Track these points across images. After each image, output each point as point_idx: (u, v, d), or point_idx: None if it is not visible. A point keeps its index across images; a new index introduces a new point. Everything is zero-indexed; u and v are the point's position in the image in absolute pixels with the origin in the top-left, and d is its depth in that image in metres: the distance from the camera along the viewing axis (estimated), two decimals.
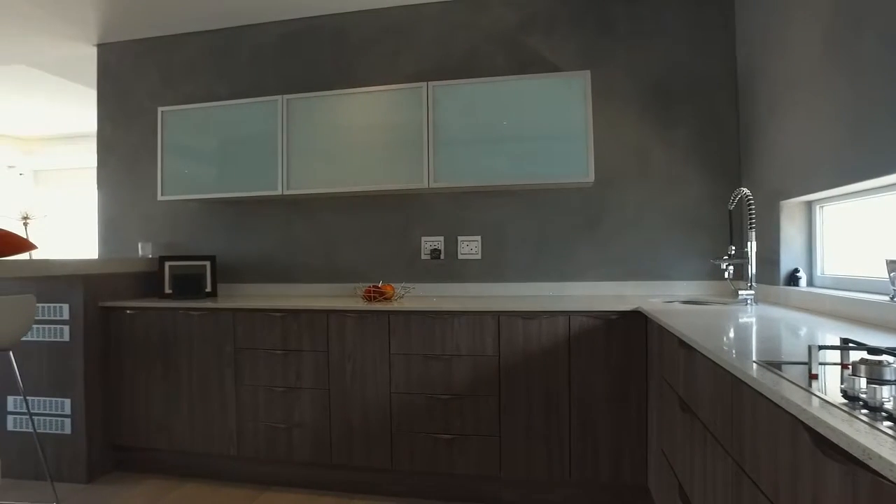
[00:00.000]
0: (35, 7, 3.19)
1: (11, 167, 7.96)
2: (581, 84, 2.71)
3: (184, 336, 2.82)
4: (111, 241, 3.70)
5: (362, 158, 2.93)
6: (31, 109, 6.03)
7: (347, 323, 2.62)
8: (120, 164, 3.70)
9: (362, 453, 2.61)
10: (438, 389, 2.53)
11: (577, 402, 2.41)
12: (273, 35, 3.42)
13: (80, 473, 2.83)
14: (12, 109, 6.03)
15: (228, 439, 2.77)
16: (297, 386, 2.68)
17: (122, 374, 2.92)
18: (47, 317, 2.85)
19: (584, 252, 3.00)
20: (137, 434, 2.90)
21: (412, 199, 3.18)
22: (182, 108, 3.20)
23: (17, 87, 5.22)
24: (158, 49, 3.63)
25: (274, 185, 3.03)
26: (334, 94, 2.97)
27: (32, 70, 4.49)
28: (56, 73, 4.41)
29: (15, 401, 2.91)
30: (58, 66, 4.23)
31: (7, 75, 4.80)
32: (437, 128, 2.83)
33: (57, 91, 5.29)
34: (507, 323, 2.47)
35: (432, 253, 3.12)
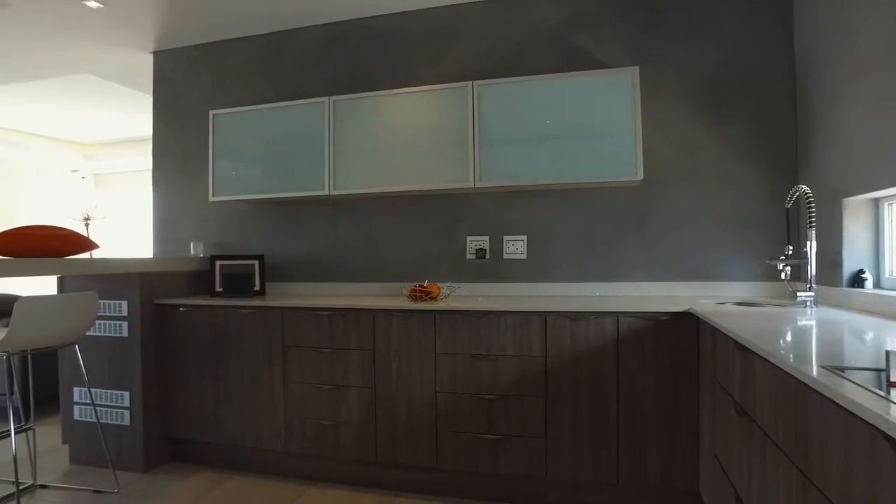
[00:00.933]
0: (101, 17, 3.34)
1: (75, 171, 8.37)
2: (629, 80, 2.65)
3: (234, 333, 2.90)
4: (165, 240, 3.84)
5: (408, 158, 2.94)
6: (93, 116, 6.32)
7: (393, 322, 2.64)
8: (173, 167, 3.83)
9: (407, 452, 2.63)
10: (484, 389, 2.52)
11: (626, 403, 2.36)
12: (319, 38, 3.47)
13: (137, 463, 2.94)
14: (78, 117, 6.33)
15: (276, 435, 2.83)
16: (344, 384, 2.71)
17: (176, 369, 3.02)
18: (108, 313, 2.98)
19: (632, 252, 2.93)
20: (190, 427, 3.00)
21: (457, 199, 3.18)
22: (232, 111, 3.29)
23: (83, 95, 5.48)
24: (210, 54, 3.74)
25: (321, 185, 3.08)
26: (379, 95, 2.99)
27: (96, 79, 4.70)
28: (117, 81, 4.60)
29: (80, 392, 3.05)
30: (118, 74, 4.42)
31: (74, 84, 5.05)
32: (483, 127, 2.82)
33: (117, 98, 5.52)
34: (554, 323, 2.44)
35: (477, 252, 3.11)
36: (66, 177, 8.35)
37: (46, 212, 8.07)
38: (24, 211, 7.83)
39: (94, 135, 7.29)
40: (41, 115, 6.28)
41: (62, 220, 8.22)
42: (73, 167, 8.23)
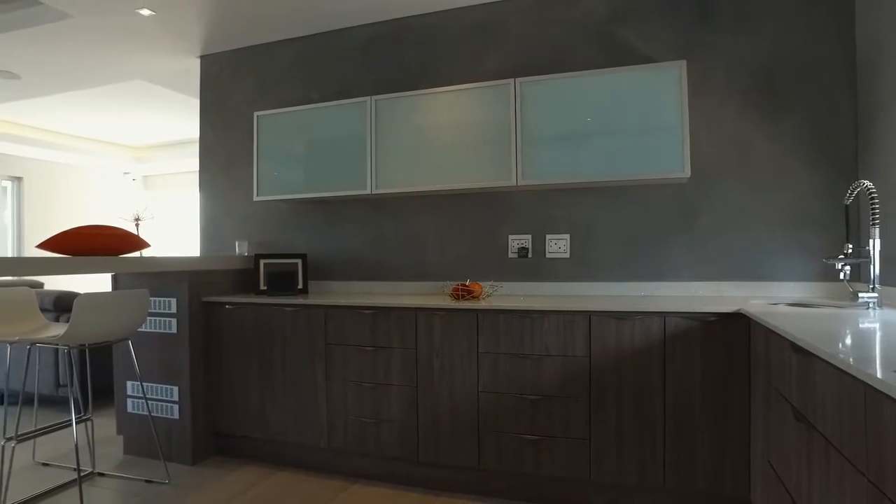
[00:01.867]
0: (152, 25, 3.45)
1: (126, 173, 8.69)
2: (676, 75, 2.58)
3: (278, 331, 2.95)
4: (211, 239, 3.94)
5: (449, 157, 2.94)
6: (144, 120, 6.54)
7: (436, 321, 2.63)
8: (219, 168, 3.92)
9: (449, 451, 2.62)
10: (526, 389, 2.49)
11: (673, 406, 2.30)
12: (361, 38, 3.50)
13: (186, 455, 3.02)
14: (130, 121, 6.57)
15: (319, 431, 2.86)
16: (386, 382, 2.73)
17: (222, 365, 3.09)
18: (158, 310, 3.07)
19: (679, 250, 2.86)
20: (235, 422, 3.06)
21: (499, 198, 3.16)
22: (275, 112, 3.35)
23: (135, 100, 5.69)
24: (253, 57, 3.82)
25: (363, 184, 3.10)
26: (421, 94, 3.00)
27: (147, 84, 4.87)
28: (165, 86, 4.75)
29: (133, 385, 3.16)
30: (167, 79, 4.55)
31: (127, 90, 5.24)
32: (525, 125, 2.79)
33: (166, 102, 5.70)
34: (599, 323, 2.39)
35: (520, 251, 3.08)
36: (117, 179, 8.68)
37: (100, 212, 8.41)
38: (80, 211, 8.18)
39: (144, 138, 7.55)
40: (96, 120, 6.53)
41: (114, 220, 8.55)
42: (125, 170, 8.55)
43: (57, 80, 4.51)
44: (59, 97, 5.43)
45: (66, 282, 7.73)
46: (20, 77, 4.46)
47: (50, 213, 7.78)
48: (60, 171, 7.91)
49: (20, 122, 6.65)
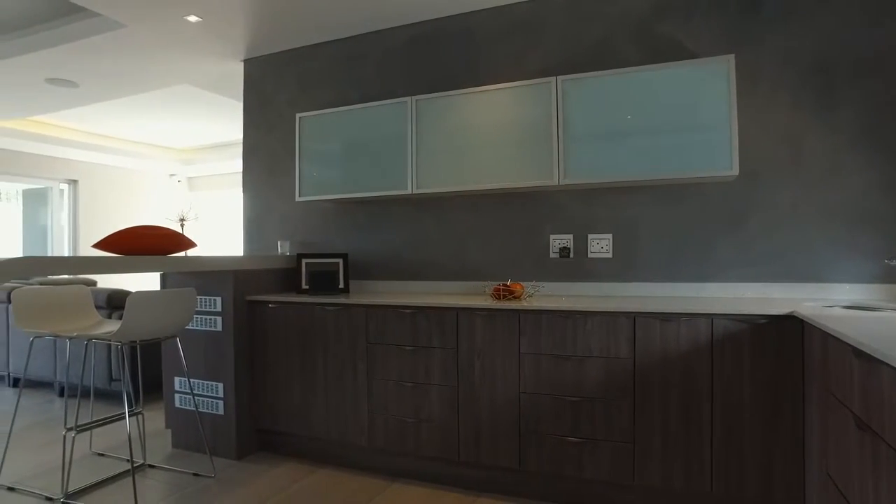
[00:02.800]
0: (199, 31, 3.54)
1: (172, 175, 8.97)
2: (724, 70, 2.50)
3: (320, 329, 2.99)
4: (254, 239, 4.02)
5: (490, 156, 2.93)
6: (190, 123, 6.73)
7: (477, 321, 2.63)
8: (262, 169, 4.00)
9: (489, 452, 2.61)
10: (568, 391, 2.46)
11: (721, 411, 2.23)
12: (400, 39, 3.52)
13: (231, 450, 3.09)
14: (176, 124, 6.77)
15: (360, 430, 2.89)
16: (426, 382, 2.73)
17: (265, 362, 3.15)
18: (204, 308, 3.15)
19: (726, 250, 2.77)
20: (278, 419, 3.12)
21: (540, 197, 3.13)
22: (317, 113, 3.39)
23: (181, 104, 5.86)
24: (295, 60, 3.88)
25: (404, 184, 3.11)
26: (462, 93, 2.99)
27: (193, 88, 5.01)
28: (210, 90, 4.87)
29: (181, 381, 3.25)
30: (212, 83, 4.67)
31: (173, 95, 5.41)
32: (567, 123, 2.76)
33: (210, 105, 5.86)
34: (644, 324, 2.34)
35: (561, 251, 3.05)
36: (164, 181, 8.97)
37: (147, 213, 8.70)
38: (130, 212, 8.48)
39: (189, 141, 7.77)
40: (145, 124, 6.76)
41: (161, 221, 8.84)
42: (171, 172, 8.82)
43: (111, 86, 4.69)
44: (111, 103, 5.64)
45: (116, 280, 8.02)
46: (78, 85, 4.64)
47: (102, 213, 8.09)
48: (112, 174, 8.22)
49: (76, 128, 6.94)
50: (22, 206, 8.25)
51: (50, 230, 7.82)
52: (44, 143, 6.79)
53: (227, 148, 7.90)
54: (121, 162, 8.02)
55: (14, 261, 2.11)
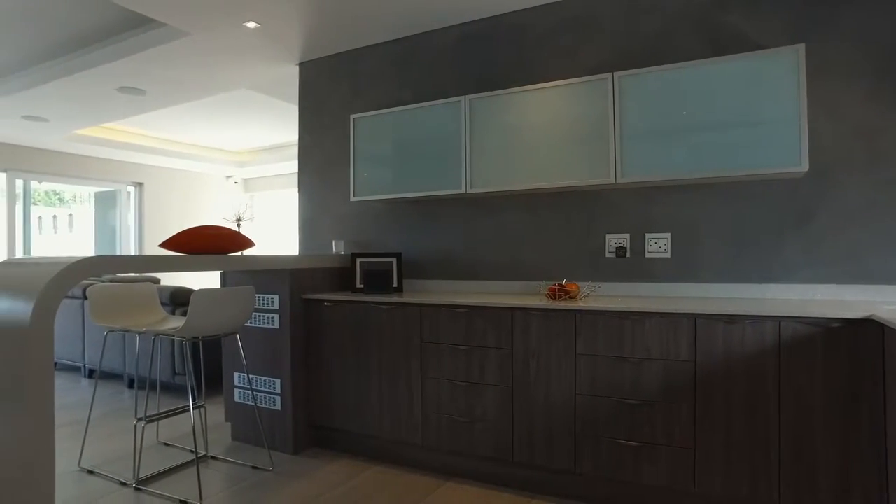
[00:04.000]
0: (257, 36, 3.65)
1: (229, 177, 9.29)
2: (793, 60, 2.39)
3: (374, 328, 3.02)
4: (309, 239, 4.11)
5: (544, 155, 2.89)
6: (246, 126, 6.95)
7: (532, 321, 2.60)
8: (316, 170, 4.09)
9: (544, 453, 2.58)
10: (626, 393, 2.41)
11: (790, 417, 2.14)
12: (452, 38, 3.52)
13: (287, 445, 3.17)
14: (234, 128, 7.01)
15: (414, 428, 2.91)
16: (480, 381, 2.73)
17: (321, 360, 3.22)
18: (262, 306, 3.24)
19: (793, 250, 2.65)
20: (333, 415, 3.17)
21: (596, 196, 3.07)
22: (371, 114, 3.44)
23: (239, 108, 6.06)
24: (349, 62, 3.95)
25: (457, 184, 3.12)
26: (516, 92, 2.97)
27: (250, 92, 5.17)
28: (267, 93, 5.02)
29: (240, 377, 3.35)
30: (268, 87, 4.81)
31: (231, 99, 5.60)
32: (624, 120, 2.70)
33: (266, 108, 6.03)
34: (705, 326, 2.26)
35: (617, 251, 2.99)
36: (221, 182, 9.29)
37: (206, 214, 9.04)
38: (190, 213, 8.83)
39: (245, 143, 8.02)
40: (204, 128, 7.02)
41: (218, 221, 9.17)
42: (227, 173, 9.14)
43: (175, 93, 4.89)
44: (173, 108, 5.88)
45: (178, 278, 8.37)
46: (145, 92, 4.87)
47: (164, 214, 8.47)
48: (173, 177, 8.58)
49: (141, 133, 7.28)
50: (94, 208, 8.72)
51: (118, 230, 8.24)
52: (113, 148, 7.16)
53: (281, 150, 8.12)
54: (181, 165, 8.37)
55: (94, 259, 2.22)
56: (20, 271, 2.27)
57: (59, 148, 7.18)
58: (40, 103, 5.24)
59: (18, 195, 7.13)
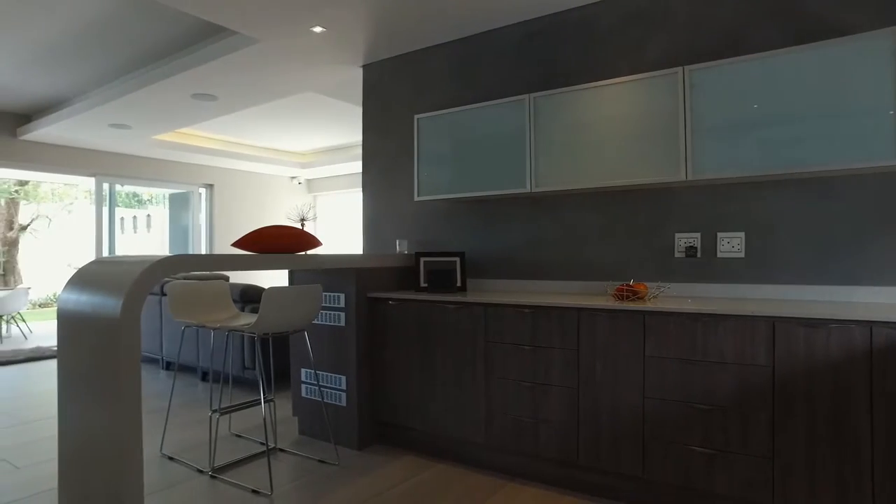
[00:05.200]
0: (323, 40, 3.75)
1: (293, 178, 9.59)
2: (887, 45, 2.23)
3: (439, 327, 3.05)
4: (373, 238, 4.18)
5: (612, 153, 2.83)
6: (310, 128, 7.15)
7: (598, 322, 2.55)
8: (380, 170, 4.15)
9: (610, 457, 2.53)
10: (697, 398, 2.32)
11: (884, 432, 2.00)
12: (514, 36, 3.50)
13: (352, 441, 3.24)
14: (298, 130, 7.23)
15: (477, 427, 2.91)
16: (545, 382, 2.70)
17: (385, 357, 3.27)
18: (329, 304, 3.32)
19: (883, 250, 2.48)
20: (397, 412, 3.22)
21: (665, 194, 2.98)
22: (435, 114, 3.46)
23: (303, 111, 6.24)
24: (412, 63, 3.99)
25: (522, 183, 3.10)
26: (581, 89, 2.92)
27: (315, 95, 5.31)
28: (331, 95, 5.14)
29: (307, 373, 3.45)
30: (332, 89, 4.93)
31: (296, 102, 5.77)
32: (695, 115, 2.60)
33: (330, 110, 6.19)
34: (785, 330, 2.15)
35: (687, 251, 2.89)
36: (285, 183, 9.60)
37: (272, 214, 9.36)
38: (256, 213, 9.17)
39: (308, 145, 8.25)
40: (270, 130, 7.27)
41: (283, 221, 9.48)
42: (292, 174, 9.42)
43: (245, 97, 5.09)
44: (242, 112, 6.12)
45: (246, 276, 8.71)
46: (217, 98, 5.09)
47: (233, 214, 8.83)
48: (241, 178, 8.94)
49: (211, 137, 7.62)
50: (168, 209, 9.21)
51: (190, 229, 8.66)
52: (186, 151, 7.54)
53: (343, 151, 8.31)
54: (249, 167, 8.71)
55: (176, 257, 2.34)
56: (110, 269, 2.43)
57: (140, 153, 7.61)
58: (124, 112, 5.57)
59: (104, 198, 7.61)
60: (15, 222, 14.37)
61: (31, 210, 14.78)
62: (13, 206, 14.38)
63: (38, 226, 14.86)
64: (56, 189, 14.92)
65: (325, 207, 10.04)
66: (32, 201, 14.72)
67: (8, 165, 6.86)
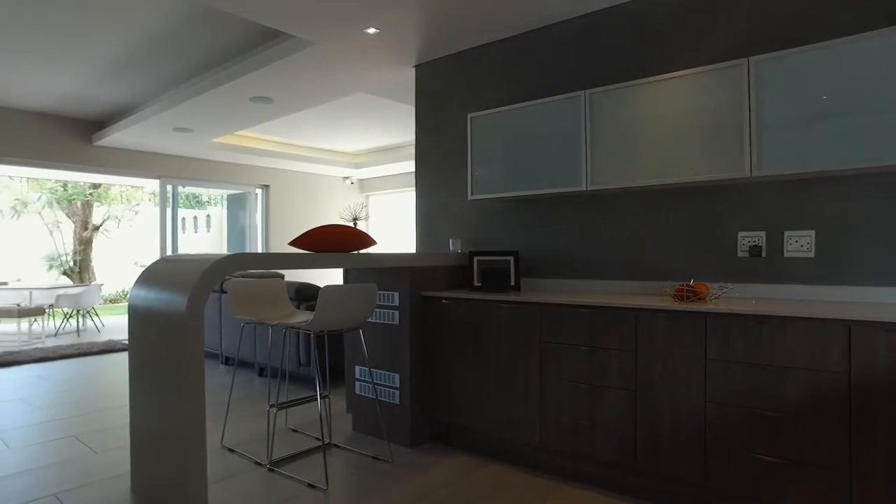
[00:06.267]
0: (376, 41, 3.79)
1: (346, 178, 9.76)
2: None
3: (493, 326, 3.03)
4: (425, 237, 4.20)
5: (670, 149, 2.74)
6: (362, 129, 7.26)
7: (658, 323, 2.48)
8: (433, 169, 4.17)
9: (670, 462, 2.45)
10: (765, 404, 2.22)
11: None
12: (568, 32, 3.44)
13: (405, 438, 3.26)
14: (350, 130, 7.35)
15: (532, 428, 2.88)
16: (602, 384, 2.64)
17: (438, 356, 3.28)
18: (383, 302, 3.36)
19: None
20: (450, 411, 3.22)
21: (727, 191, 2.86)
22: (488, 112, 3.44)
23: (355, 111, 6.34)
24: (464, 62, 3.98)
25: (577, 181, 3.04)
26: (638, 84, 2.84)
27: (367, 96, 5.39)
28: (383, 96, 5.20)
29: (361, 370, 3.51)
30: (384, 90, 4.98)
31: (349, 103, 5.87)
32: (761, 108, 2.48)
33: (382, 110, 6.26)
34: (862, 334, 2.03)
35: (751, 250, 2.76)
36: (338, 183, 9.78)
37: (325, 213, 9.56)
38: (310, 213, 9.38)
39: (360, 145, 8.38)
40: (323, 131, 7.42)
41: (335, 220, 9.66)
42: (345, 174, 9.60)
43: (300, 100, 5.22)
44: (297, 114, 6.27)
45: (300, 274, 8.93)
46: (273, 101, 5.24)
47: (287, 214, 9.07)
48: (295, 179, 9.17)
49: (267, 138, 7.85)
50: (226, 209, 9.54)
51: (247, 229, 8.95)
52: (244, 153, 7.80)
53: (394, 150, 8.40)
54: (303, 167, 8.93)
55: (238, 256, 2.42)
56: (176, 267, 2.53)
57: (200, 155, 7.93)
58: (187, 116, 5.81)
59: (168, 199, 7.96)
60: (89, 223, 15.26)
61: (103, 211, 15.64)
62: (87, 208, 15.28)
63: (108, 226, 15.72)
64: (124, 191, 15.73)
65: (377, 207, 10.18)
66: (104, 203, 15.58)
67: (84, 169, 7.31)
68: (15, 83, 5.48)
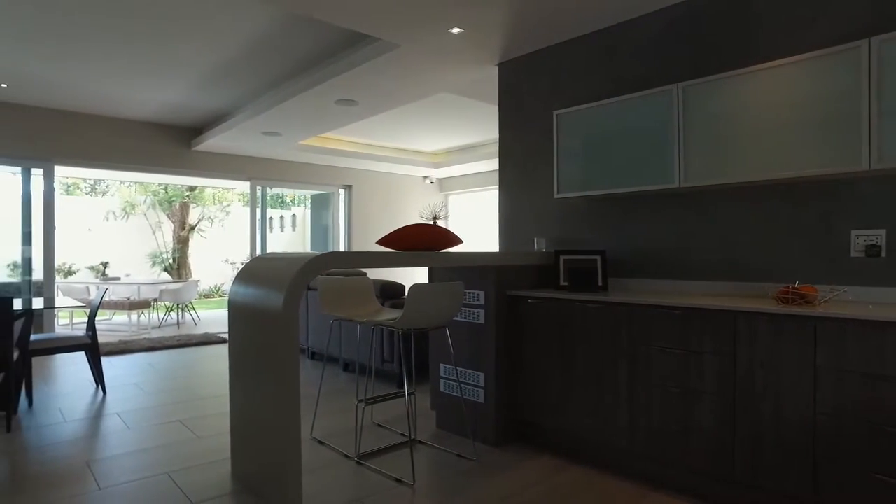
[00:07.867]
0: (459, 41, 3.82)
1: (426, 177, 9.89)
2: None
3: (580, 327, 2.97)
4: (509, 236, 4.18)
5: (771, 143, 2.58)
6: (443, 128, 7.33)
7: (759, 326, 2.34)
8: (517, 168, 4.14)
9: (772, 474, 2.30)
10: (886, 419, 2.04)
11: None
12: (658, 24, 3.31)
13: (489, 437, 3.26)
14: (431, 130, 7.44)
15: (620, 431, 2.80)
16: (696, 389, 2.53)
17: (523, 356, 3.25)
18: (469, 301, 3.37)
19: None
20: (534, 412, 3.19)
21: (837, 186, 2.65)
22: (575, 109, 3.37)
23: (436, 111, 6.41)
24: (548, 58, 3.92)
25: (669, 178, 2.92)
26: (737, 74, 2.68)
27: (449, 95, 5.43)
28: (465, 95, 5.22)
29: (446, 368, 3.54)
30: (467, 89, 5.00)
31: (430, 102, 5.94)
32: (882, 94, 2.28)
33: (463, 109, 6.29)
34: None
35: (867, 249, 2.55)
36: (418, 182, 9.93)
37: (406, 212, 9.74)
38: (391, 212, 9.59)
39: (440, 144, 8.46)
40: (404, 132, 7.55)
41: (416, 219, 9.82)
42: (425, 174, 9.73)
43: (383, 101, 5.34)
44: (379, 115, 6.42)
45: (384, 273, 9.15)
46: (358, 103, 5.40)
47: (369, 213, 9.31)
48: (376, 179, 9.39)
49: (350, 140, 8.09)
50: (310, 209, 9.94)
51: (330, 228, 9.27)
52: (328, 155, 8.08)
53: (474, 149, 8.41)
54: (385, 168, 9.13)
55: (331, 254, 2.51)
56: (271, 265, 2.66)
57: (287, 157, 8.29)
58: (276, 120, 6.09)
59: (258, 200, 8.39)
60: (186, 222, 16.37)
61: (198, 212, 16.73)
62: (185, 209, 16.40)
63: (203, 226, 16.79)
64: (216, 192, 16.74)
65: (457, 206, 10.25)
66: (199, 204, 16.66)
67: (185, 173, 7.86)
68: (126, 96, 5.96)
